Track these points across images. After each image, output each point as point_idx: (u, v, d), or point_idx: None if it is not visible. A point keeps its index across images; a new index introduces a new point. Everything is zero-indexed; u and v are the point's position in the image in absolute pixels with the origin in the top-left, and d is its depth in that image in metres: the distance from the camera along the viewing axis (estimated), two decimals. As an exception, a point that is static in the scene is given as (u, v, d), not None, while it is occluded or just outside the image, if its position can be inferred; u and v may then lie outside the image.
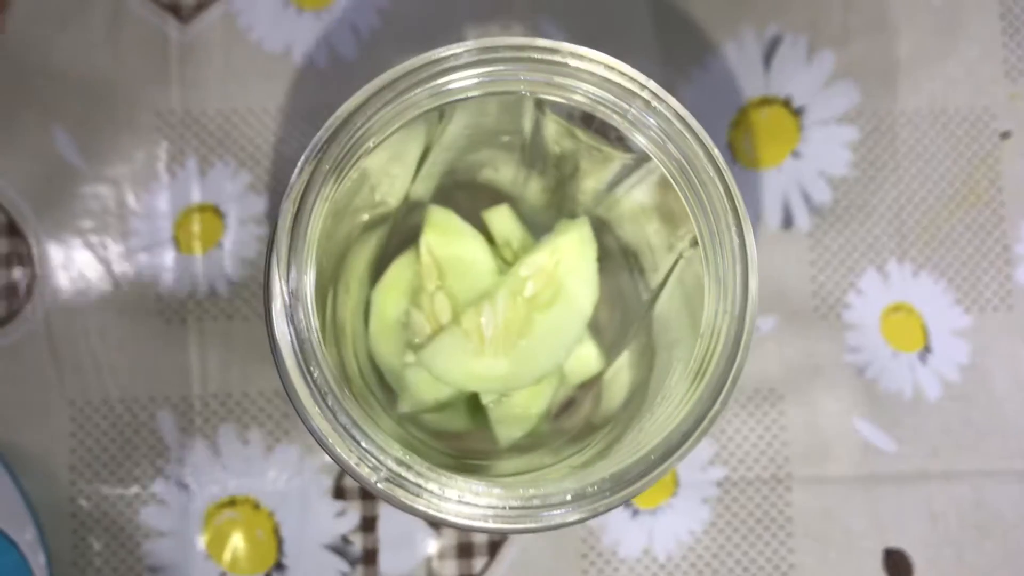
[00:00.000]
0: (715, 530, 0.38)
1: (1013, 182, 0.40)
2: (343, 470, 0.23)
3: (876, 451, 0.39)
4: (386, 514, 0.38)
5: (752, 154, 0.40)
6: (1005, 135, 0.40)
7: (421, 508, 0.23)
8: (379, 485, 0.23)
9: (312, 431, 0.23)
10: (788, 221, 0.40)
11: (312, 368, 0.23)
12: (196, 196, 0.38)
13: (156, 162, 0.38)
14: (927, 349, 0.40)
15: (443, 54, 0.25)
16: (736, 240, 0.24)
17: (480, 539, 0.38)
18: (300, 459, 0.38)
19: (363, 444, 0.23)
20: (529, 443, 0.32)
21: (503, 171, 0.32)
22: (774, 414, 0.39)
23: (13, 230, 0.38)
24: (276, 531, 0.38)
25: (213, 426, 0.38)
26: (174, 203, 0.38)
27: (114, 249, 0.38)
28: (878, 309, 0.39)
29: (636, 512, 0.38)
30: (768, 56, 0.40)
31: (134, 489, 0.37)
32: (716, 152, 0.25)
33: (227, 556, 0.37)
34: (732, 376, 0.24)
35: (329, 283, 0.29)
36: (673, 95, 0.39)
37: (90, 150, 0.38)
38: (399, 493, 0.23)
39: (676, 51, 0.40)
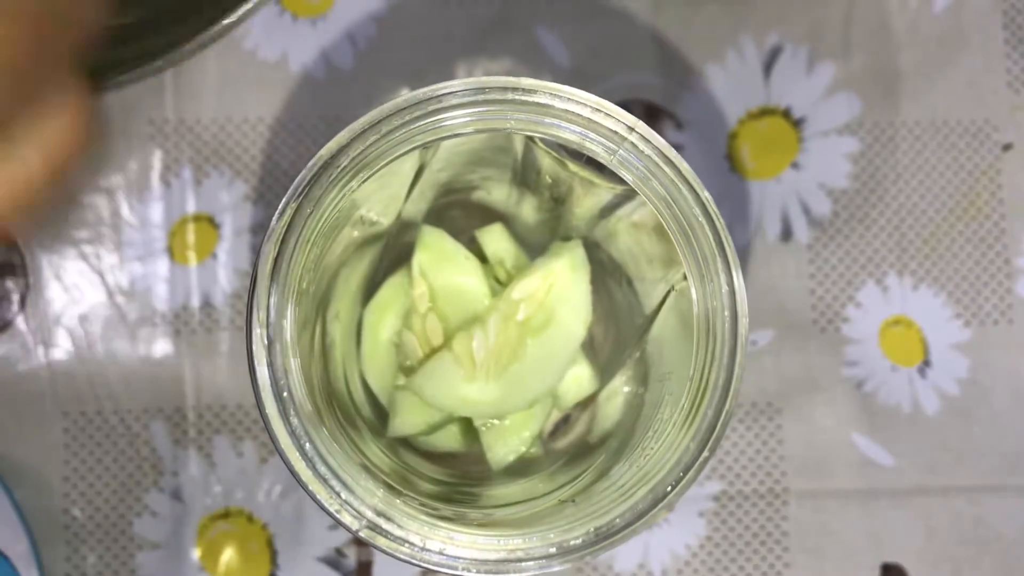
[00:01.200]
0: (711, 544, 0.38)
1: (1014, 195, 0.40)
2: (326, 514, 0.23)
3: (874, 465, 0.39)
4: (381, 527, 0.38)
5: (751, 165, 0.39)
6: (1007, 147, 0.40)
7: (403, 557, 0.23)
8: (360, 534, 0.22)
9: (294, 476, 0.23)
10: (787, 233, 0.39)
11: (291, 416, 0.23)
12: (191, 206, 0.38)
13: (150, 172, 0.38)
14: (926, 363, 0.39)
15: (429, 95, 0.24)
16: (725, 287, 0.24)
17: (475, 552, 0.38)
18: (295, 470, 0.37)
19: (342, 495, 0.22)
20: (522, 466, 0.32)
21: (496, 191, 0.32)
22: (772, 428, 0.39)
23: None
24: (270, 543, 0.37)
25: (207, 438, 0.37)
26: (168, 213, 0.38)
27: (108, 259, 0.38)
28: (877, 322, 0.39)
29: (632, 526, 0.38)
30: (768, 66, 0.40)
31: (127, 501, 0.37)
32: (706, 195, 0.24)
33: (221, 568, 0.37)
34: (721, 423, 0.24)
35: (319, 304, 0.29)
36: (673, 104, 0.39)
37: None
38: (380, 542, 0.23)
39: (676, 61, 0.39)
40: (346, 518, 0.23)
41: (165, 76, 0.38)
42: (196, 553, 0.37)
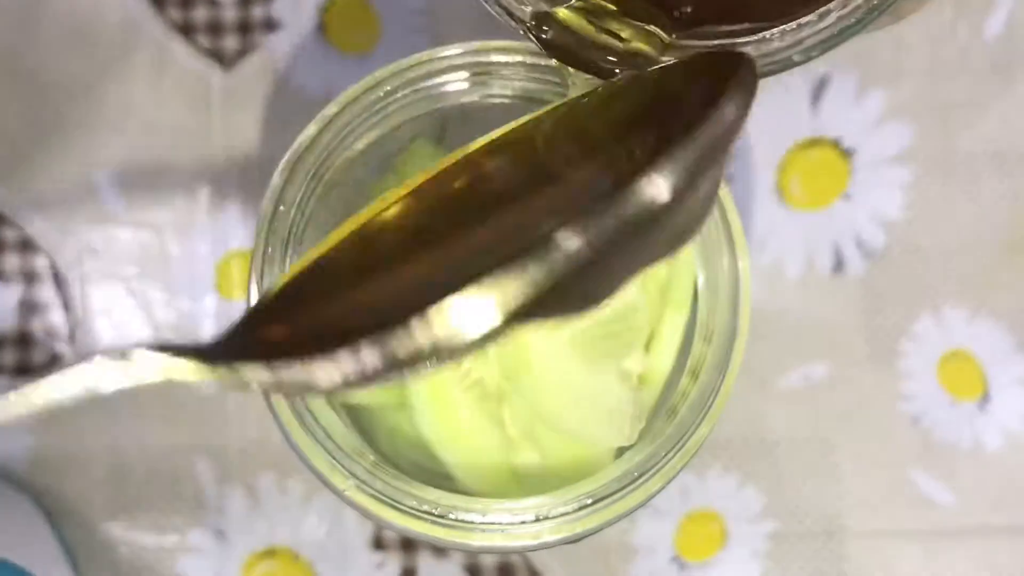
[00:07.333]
0: (766, 585, 0.37)
1: (1074, 224, 0.39)
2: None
3: (934, 504, 0.37)
4: (426, 565, 0.37)
5: (800, 196, 0.39)
6: (1065, 176, 0.39)
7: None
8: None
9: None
10: (839, 265, 0.38)
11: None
12: (237, 242, 0.38)
13: (197, 207, 0.38)
14: (986, 397, 0.38)
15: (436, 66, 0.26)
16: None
17: (522, 593, 0.37)
18: (339, 508, 0.37)
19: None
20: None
21: None
22: (826, 465, 0.37)
23: (55, 275, 0.38)
24: (315, 582, 0.37)
25: (252, 474, 0.37)
26: (215, 248, 0.38)
27: (155, 295, 0.38)
28: (934, 356, 0.38)
29: (683, 566, 0.37)
30: (816, 95, 0.39)
31: (172, 538, 0.37)
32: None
33: (265, 608, 0.37)
34: (717, 399, 0.24)
35: None
36: (719, 137, 0.39)
37: (132, 195, 0.38)
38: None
39: (722, 92, 0.39)
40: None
41: (213, 113, 0.38)
42: (240, 592, 0.37)
